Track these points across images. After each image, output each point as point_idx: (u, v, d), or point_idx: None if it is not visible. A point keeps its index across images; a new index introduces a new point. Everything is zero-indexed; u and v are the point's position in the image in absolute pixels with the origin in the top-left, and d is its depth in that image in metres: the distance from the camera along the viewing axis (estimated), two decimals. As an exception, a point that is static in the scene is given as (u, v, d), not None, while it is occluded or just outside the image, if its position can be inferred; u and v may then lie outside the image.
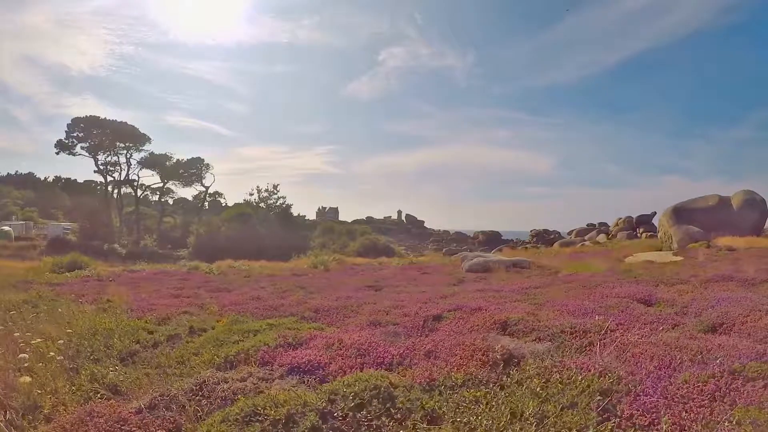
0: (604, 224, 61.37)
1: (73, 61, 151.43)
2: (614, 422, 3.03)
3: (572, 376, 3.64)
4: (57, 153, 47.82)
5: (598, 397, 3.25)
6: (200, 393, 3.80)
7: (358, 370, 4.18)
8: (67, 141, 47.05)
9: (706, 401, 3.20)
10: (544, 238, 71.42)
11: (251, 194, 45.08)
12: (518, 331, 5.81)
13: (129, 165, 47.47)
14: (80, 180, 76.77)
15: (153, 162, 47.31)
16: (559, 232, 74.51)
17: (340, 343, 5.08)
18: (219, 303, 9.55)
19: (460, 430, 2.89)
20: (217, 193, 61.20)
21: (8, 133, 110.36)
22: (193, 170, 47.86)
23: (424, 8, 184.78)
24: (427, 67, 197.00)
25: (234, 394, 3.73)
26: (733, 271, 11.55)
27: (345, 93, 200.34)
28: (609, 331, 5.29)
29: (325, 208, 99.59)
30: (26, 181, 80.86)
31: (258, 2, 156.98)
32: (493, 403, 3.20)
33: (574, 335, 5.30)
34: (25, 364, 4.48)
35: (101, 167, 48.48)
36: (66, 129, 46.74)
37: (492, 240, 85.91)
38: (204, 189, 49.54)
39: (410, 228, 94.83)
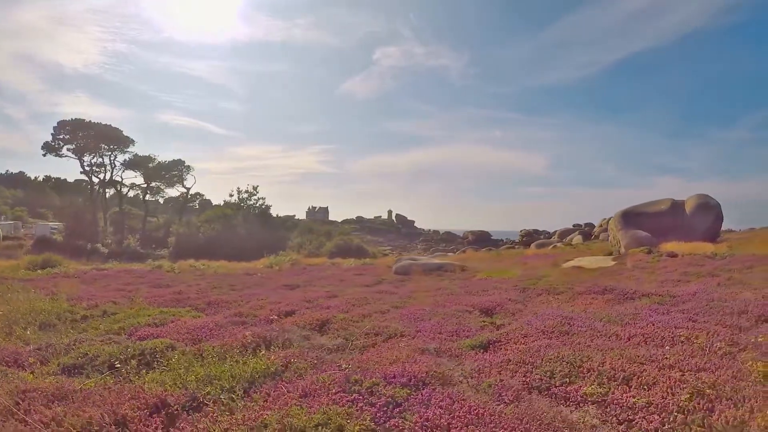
0: (590, 225, 63.96)
1: (66, 59, 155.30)
2: (231, 396, 4.14)
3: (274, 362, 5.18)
4: (44, 155, 50.90)
5: (246, 382, 4.57)
6: (71, 345, 6.49)
7: (177, 341, 6.78)
8: (53, 143, 50.08)
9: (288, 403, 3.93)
10: (533, 238, 73.94)
11: (231, 195, 48.01)
12: (332, 328, 7.72)
13: (113, 166, 50.54)
14: (71, 180, 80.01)
15: (136, 163, 50.40)
16: (549, 233, 77.03)
17: (183, 324, 7.76)
18: (146, 296, 12.28)
19: (168, 375, 4.96)
20: (198, 194, 64.30)
21: (1, 132, 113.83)
22: (174, 172, 50.99)
23: (420, 8, 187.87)
24: (422, 67, 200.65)
25: (89, 346, 6.42)
26: (640, 282, 12.75)
27: (340, 92, 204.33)
28: (400, 336, 6.90)
29: (315, 207, 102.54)
30: (17, 180, 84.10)
31: (254, 1, 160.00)
32: (207, 367, 5.08)
33: (368, 337, 6.95)
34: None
35: (87, 168, 51.50)
36: (52, 131, 49.82)
37: (481, 239, 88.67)
38: (185, 190, 52.67)
39: (400, 228, 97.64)
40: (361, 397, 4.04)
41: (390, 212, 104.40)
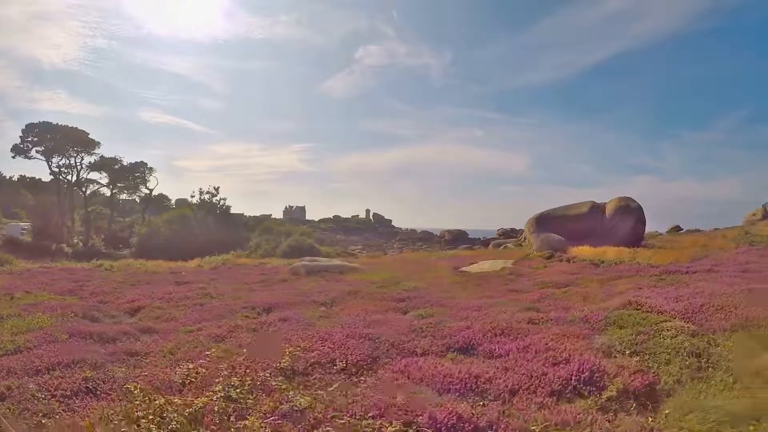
0: (555, 225, 68.13)
1: (45, 54, 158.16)
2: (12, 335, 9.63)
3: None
4: (13, 157, 54.97)
5: (26, 330, 9.87)
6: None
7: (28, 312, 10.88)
8: (22, 145, 54.08)
9: None
10: (509, 236, 78.09)
11: (192, 195, 52.11)
12: (142, 312, 12.08)
13: (79, 168, 54.61)
14: (45, 179, 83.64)
15: (101, 165, 54.47)
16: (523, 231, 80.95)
17: (49, 304, 11.78)
18: (57, 287, 16.33)
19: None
20: (162, 195, 68.53)
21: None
22: (137, 174, 55.12)
23: (402, 6, 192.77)
24: (404, 66, 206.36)
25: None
26: (471, 291, 14.32)
27: (321, 90, 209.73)
28: (171, 320, 11.74)
29: (292, 207, 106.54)
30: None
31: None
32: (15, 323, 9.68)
33: (152, 319, 11.33)
34: None
35: (55, 170, 55.53)
36: (21, 134, 53.84)
37: (458, 239, 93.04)
38: (149, 191, 56.88)
39: (377, 227, 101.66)
40: (46, 336, 8.31)
41: (368, 211, 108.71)
